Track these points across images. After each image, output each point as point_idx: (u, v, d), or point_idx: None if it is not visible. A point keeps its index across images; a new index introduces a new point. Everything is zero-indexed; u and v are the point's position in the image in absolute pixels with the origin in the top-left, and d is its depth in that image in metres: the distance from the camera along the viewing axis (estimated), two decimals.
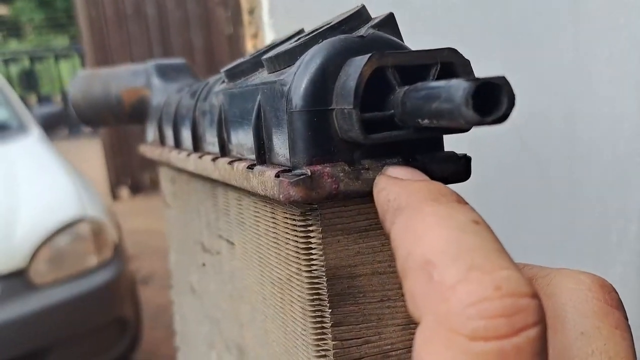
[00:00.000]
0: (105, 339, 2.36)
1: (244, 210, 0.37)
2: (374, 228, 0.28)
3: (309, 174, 0.25)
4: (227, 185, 0.40)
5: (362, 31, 0.28)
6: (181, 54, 5.45)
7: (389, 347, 0.29)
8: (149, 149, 0.59)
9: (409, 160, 0.27)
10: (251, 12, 0.66)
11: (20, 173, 2.51)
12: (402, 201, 0.22)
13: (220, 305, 0.46)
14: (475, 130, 0.23)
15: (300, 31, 0.36)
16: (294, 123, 0.26)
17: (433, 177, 0.27)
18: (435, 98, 0.21)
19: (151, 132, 0.61)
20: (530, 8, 0.65)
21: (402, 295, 0.29)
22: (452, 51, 0.25)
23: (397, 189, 0.23)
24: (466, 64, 0.25)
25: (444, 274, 0.18)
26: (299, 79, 0.26)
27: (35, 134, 2.85)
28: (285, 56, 0.29)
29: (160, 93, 0.59)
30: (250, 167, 0.30)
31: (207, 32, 5.56)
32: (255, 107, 0.30)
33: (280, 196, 0.26)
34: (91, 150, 6.55)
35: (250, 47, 0.66)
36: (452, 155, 0.28)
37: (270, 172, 0.27)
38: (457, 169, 0.28)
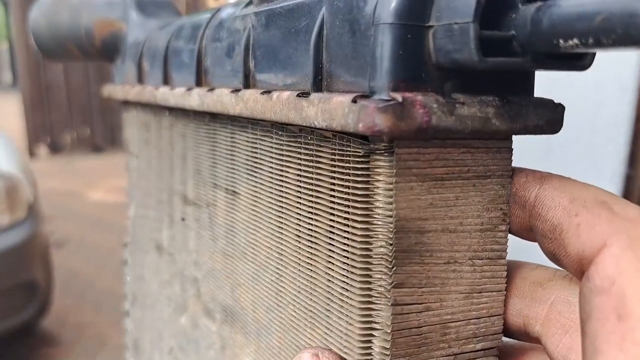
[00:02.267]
0: (12, 303, 2.25)
1: (260, 154, 0.32)
2: (450, 178, 0.24)
3: (400, 100, 0.21)
4: (234, 127, 0.35)
5: None
6: None
7: (450, 316, 0.25)
8: (120, 90, 0.53)
9: (504, 100, 0.23)
10: None
11: None
12: None
13: (204, 263, 0.41)
14: None
15: None
16: (381, 38, 0.22)
17: (528, 122, 0.23)
18: (598, 13, 0.17)
19: (122, 72, 0.54)
20: None
21: (470, 259, 0.25)
22: None
23: None
24: None
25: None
26: None
27: None
28: None
29: (138, 29, 0.53)
30: (302, 94, 0.25)
31: None
32: (317, 22, 0.25)
33: (360, 125, 0.21)
34: (10, 103, 6.24)
35: None
36: (549, 101, 0.24)
37: (341, 98, 0.22)
38: (554, 117, 0.24)
